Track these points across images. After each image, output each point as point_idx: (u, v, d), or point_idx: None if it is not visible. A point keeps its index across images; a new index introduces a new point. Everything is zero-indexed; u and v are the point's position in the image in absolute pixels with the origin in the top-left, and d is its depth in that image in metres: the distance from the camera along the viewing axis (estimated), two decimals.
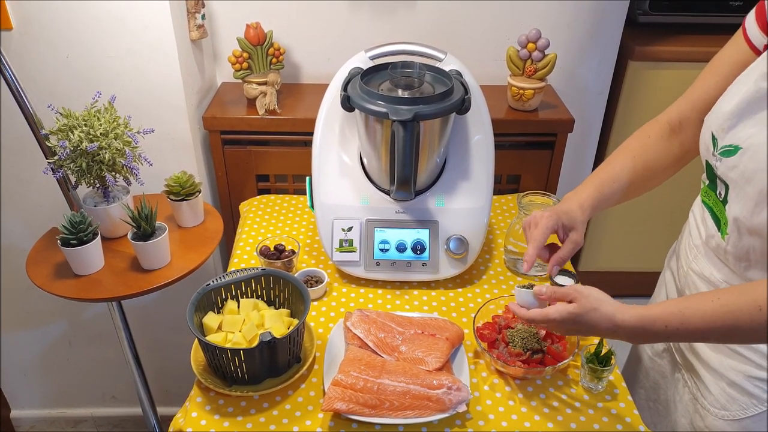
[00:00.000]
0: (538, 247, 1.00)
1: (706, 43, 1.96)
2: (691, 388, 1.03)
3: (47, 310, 1.82)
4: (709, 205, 0.96)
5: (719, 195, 0.92)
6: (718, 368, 0.96)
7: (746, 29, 0.93)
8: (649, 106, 2.00)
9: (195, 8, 1.51)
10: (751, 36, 0.92)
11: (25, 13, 1.35)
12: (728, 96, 0.89)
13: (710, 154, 0.92)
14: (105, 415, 2.10)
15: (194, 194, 1.40)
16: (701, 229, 1.00)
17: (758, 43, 0.91)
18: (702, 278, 0.99)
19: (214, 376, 1.05)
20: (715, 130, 0.90)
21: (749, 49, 0.92)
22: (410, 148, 1.11)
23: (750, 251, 0.88)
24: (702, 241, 0.99)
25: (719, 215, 0.92)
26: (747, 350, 0.92)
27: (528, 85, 1.58)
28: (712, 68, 0.99)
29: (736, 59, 0.94)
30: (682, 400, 1.06)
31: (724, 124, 0.87)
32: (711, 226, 0.95)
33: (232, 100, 1.66)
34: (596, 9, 1.72)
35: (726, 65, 0.96)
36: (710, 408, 0.97)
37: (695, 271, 1.01)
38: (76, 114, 1.25)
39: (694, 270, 1.02)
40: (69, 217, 1.22)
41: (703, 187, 0.98)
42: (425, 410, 0.96)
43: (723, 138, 0.88)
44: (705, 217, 0.98)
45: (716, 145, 0.89)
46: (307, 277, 1.26)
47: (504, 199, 1.59)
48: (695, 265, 1.01)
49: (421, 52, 1.27)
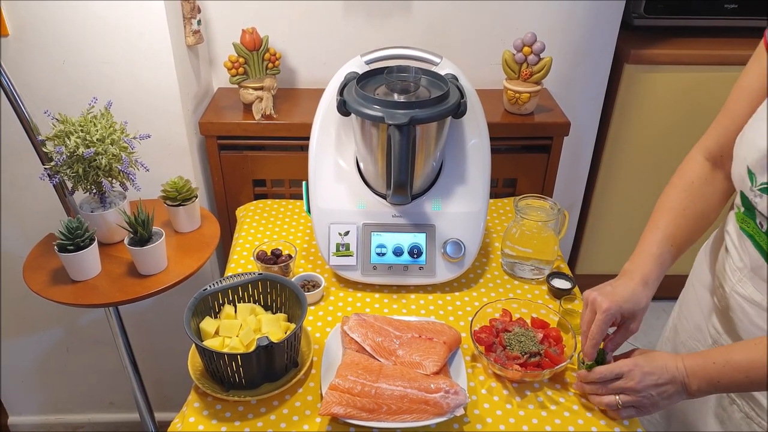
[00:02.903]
0: (596, 346, 0.97)
1: (701, 46, 1.97)
2: (741, 406, 0.99)
3: (44, 316, 1.81)
4: (748, 233, 0.93)
5: (760, 226, 0.89)
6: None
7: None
8: (645, 109, 2.01)
9: (191, 14, 1.51)
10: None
11: (22, 20, 1.35)
12: (760, 129, 0.85)
13: (747, 188, 0.88)
14: (103, 421, 2.09)
15: (191, 199, 1.40)
16: (742, 255, 0.96)
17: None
18: (751, 303, 0.95)
19: (211, 381, 1.05)
20: (752, 165, 0.86)
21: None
22: (406, 152, 1.11)
23: None
24: (746, 266, 0.95)
25: (764, 246, 0.89)
26: None
27: (524, 89, 1.59)
28: (741, 94, 0.94)
29: (764, 81, 0.90)
30: (732, 419, 1.01)
31: (762, 161, 0.84)
32: (756, 257, 0.91)
33: (228, 106, 1.66)
34: (591, 12, 1.73)
35: (754, 89, 0.92)
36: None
37: (741, 294, 0.97)
38: (72, 120, 1.25)
39: (739, 293, 0.97)
40: (66, 223, 1.22)
41: (738, 212, 0.95)
42: (423, 414, 0.96)
43: (762, 174, 0.84)
44: (745, 246, 0.94)
45: (754, 181, 0.86)
46: (304, 282, 1.26)
47: (500, 203, 1.60)
48: (741, 288, 0.97)
49: (417, 56, 1.28)
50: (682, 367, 0.90)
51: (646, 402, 0.93)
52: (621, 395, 0.94)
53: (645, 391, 0.92)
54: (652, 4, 1.94)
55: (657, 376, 0.91)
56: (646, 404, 0.93)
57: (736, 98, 0.95)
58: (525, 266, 1.31)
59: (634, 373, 0.92)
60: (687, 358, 0.91)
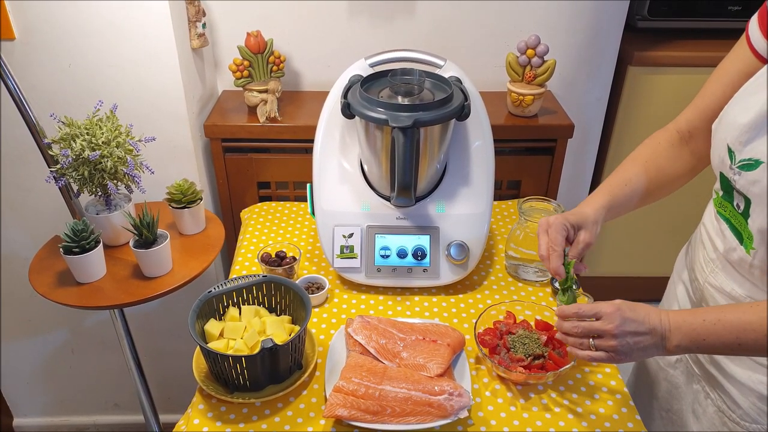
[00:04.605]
0: (559, 256, 0.98)
1: (705, 48, 1.97)
2: (715, 400, 1.00)
3: (50, 318, 1.82)
4: (725, 217, 0.94)
5: (737, 207, 0.90)
6: (746, 383, 0.94)
7: (750, 36, 0.92)
8: (649, 111, 2.01)
9: (196, 17, 1.52)
10: (755, 43, 0.91)
11: (28, 23, 1.36)
12: (742, 107, 0.87)
13: (726, 167, 0.89)
14: (107, 423, 2.10)
15: (195, 202, 1.41)
16: (717, 242, 0.97)
17: (762, 50, 0.90)
18: (722, 293, 0.97)
19: (215, 383, 1.05)
20: (732, 143, 0.87)
21: (753, 57, 0.91)
22: (410, 154, 1.11)
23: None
24: (720, 254, 0.96)
25: (740, 228, 0.90)
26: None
27: (527, 91, 1.59)
28: (717, 76, 0.98)
29: (741, 67, 0.93)
30: (706, 413, 1.02)
31: (741, 137, 0.85)
32: (731, 239, 0.92)
33: (232, 108, 1.67)
34: (595, 14, 1.73)
35: (731, 73, 0.95)
36: (740, 422, 0.95)
37: (714, 285, 0.99)
38: (78, 123, 1.25)
39: (712, 284, 0.99)
40: (71, 225, 1.22)
41: (716, 197, 0.96)
42: (427, 416, 0.96)
43: (741, 151, 0.86)
44: (722, 229, 0.95)
45: (734, 159, 0.87)
46: (308, 284, 1.26)
47: (504, 205, 1.60)
48: (713, 279, 0.99)
49: (421, 59, 1.28)
50: (666, 321, 0.87)
51: (621, 349, 0.88)
52: (597, 339, 0.90)
53: (622, 337, 0.87)
54: (656, 6, 1.94)
55: (637, 323, 0.87)
56: (620, 351, 0.88)
57: (712, 80, 0.99)
58: (529, 268, 1.31)
59: (614, 316, 0.88)
60: (673, 314, 0.88)
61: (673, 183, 1.06)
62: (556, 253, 0.98)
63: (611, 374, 1.09)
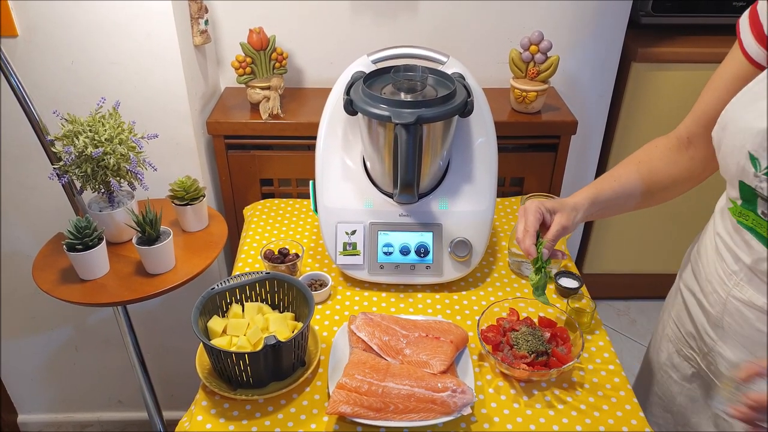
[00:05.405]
0: (532, 236, 1.00)
1: (708, 44, 1.96)
2: None
3: (53, 315, 1.83)
4: (748, 226, 0.90)
5: (763, 215, 0.86)
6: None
7: (742, 41, 0.91)
8: (653, 107, 2.00)
9: (198, 14, 1.52)
10: (748, 49, 0.90)
11: (30, 21, 1.36)
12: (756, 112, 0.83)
13: (749, 175, 0.85)
14: (111, 420, 2.11)
15: (198, 199, 1.41)
16: (740, 254, 0.93)
17: (756, 56, 0.89)
18: (751, 307, 0.91)
19: (219, 380, 1.05)
20: (754, 150, 0.83)
21: (747, 63, 0.90)
22: (413, 151, 1.11)
23: None
24: (744, 265, 0.92)
25: (765, 234, 0.86)
26: None
27: (531, 88, 1.58)
28: (713, 83, 0.98)
29: (736, 73, 0.92)
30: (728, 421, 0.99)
31: (765, 143, 0.82)
32: (760, 249, 0.88)
33: (235, 105, 1.67)
34: (598, 11, 1.72)
35: (725, 79, 0.94)
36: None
37: (739, 299, 0.93)
38: (81, 120, 1.25)
39: (737, 298, 0.94)
40: (74, 222, 1.23)
41: (735, 207, 0.92)
42: (430, 413, 0.96)
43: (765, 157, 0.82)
44: (746, 240, 0.91)
45: (758, 166, 0.83)
46: (311, 281, 1.26)
47: (507, 202, 1.59)
48: (739, 292, 0.93)
49: (424, 55, 1.27)
50: None
51: None
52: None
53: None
54: (660, 2, 1.93)
55: None
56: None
57: (709, 86, 0.99)
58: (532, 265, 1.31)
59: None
60: None
61: (673, 186, 1.05)
62: (528, 233, 1.00)
63: (615, 371, 1.09)
